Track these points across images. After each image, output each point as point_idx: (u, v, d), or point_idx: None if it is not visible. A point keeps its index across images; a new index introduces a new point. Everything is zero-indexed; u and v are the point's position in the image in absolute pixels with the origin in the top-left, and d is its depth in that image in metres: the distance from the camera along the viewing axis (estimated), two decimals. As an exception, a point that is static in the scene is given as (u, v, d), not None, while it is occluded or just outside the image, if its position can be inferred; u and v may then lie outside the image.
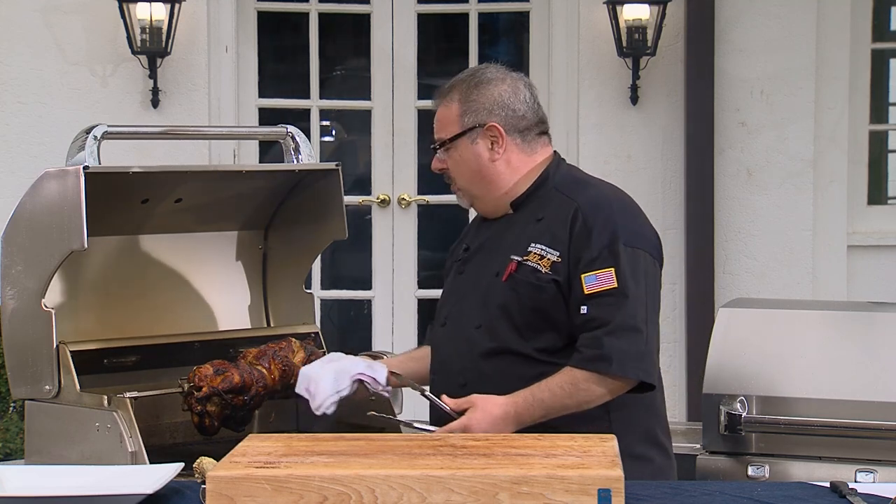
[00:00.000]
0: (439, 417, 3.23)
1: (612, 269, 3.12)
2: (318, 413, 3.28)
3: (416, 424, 3.23)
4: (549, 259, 3.18)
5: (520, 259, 3.22)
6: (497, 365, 3.20)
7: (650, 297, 3.19)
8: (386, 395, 3.36)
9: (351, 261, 7.12)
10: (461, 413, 3.12)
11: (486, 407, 3.11)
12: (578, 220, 3.18)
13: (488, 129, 3.26)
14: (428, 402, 3.27)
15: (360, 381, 3.30)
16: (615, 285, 3.12)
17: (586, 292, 3.13)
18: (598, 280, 3.12)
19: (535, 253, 3.20)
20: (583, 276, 3.14)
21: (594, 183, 3.34)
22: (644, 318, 3.15)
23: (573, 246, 3.17)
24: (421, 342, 3.65)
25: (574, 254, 3.17)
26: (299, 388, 3.33)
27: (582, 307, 3.14)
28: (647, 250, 3.21)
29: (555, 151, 3.37)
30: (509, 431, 3.06)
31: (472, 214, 3.62)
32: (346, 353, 3.50)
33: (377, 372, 3.32)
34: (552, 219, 3.24)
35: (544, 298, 3.17)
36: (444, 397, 3.17)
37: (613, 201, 3.26)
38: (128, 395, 3.27)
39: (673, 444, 4.09)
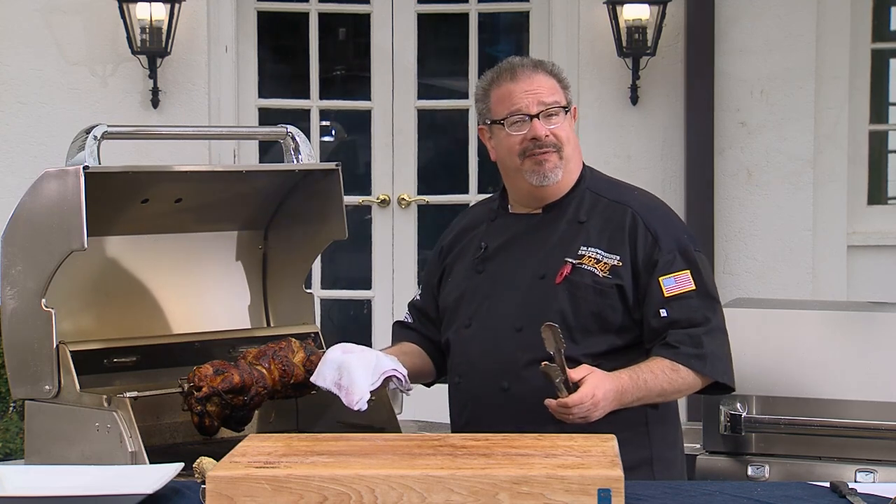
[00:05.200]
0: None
1: (688, 271, 3.19)
2: (354, 408, 3.10)
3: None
4: (606, 263, 3.20)
5: (574, 262, 3.21)
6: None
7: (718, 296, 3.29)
8: (408, 394, 3.30)
9: (351, 261, 7.12)
10: (576, 385, 3.00)
11: (601, 377, 3.05)
12: (639, 225, 3.22)
13: (574, 110, 3.31)
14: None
15: (389, 378, 3.19)
16: (694, 287, 3.19)
17: (666, 295, 3.18)
18: (677, 282, 3.18)
19: (589, 256, 3.21)
20: (661, 279, 3.18)
21: (628, 185, 3.39)
22: (723, 318, 3.26)
23: (639, 250, 3.20)
24: (399, 340, 3.56)
25: (643, 258, 3.20)
26: (327, 383, 3.14)
27: (661, 310, 3.18)
28: (704, 252, 3.30)
29: None
30: (614, 407, 3.05)
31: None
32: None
33: (402, 370, 3.22)
34: (603, 223, 3.25)
35: (606, 303, 3.19)
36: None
37: (661, 205, 3.34)
38: (128, 395, 3.26)
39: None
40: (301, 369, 3.58)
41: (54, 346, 3.37)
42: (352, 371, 3.13)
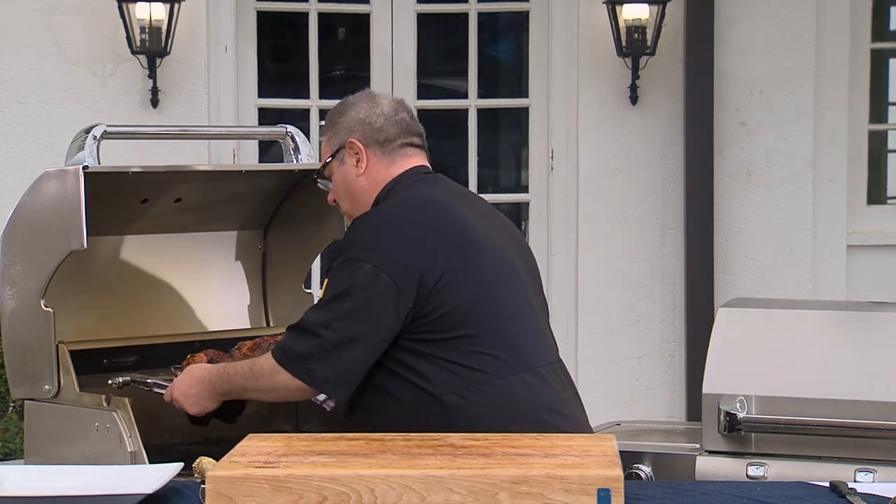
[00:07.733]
0: None
1: (327, 280, 3.15)
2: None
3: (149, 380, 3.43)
4: None
5: None
6: None
7: (353, 308, 3.07)
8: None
9: (351, 261, 7.10)
10: None
11: (192, 369, 3.30)
12: None
13: (349, 145, 3.25)
14: None
15: None
16: (322, 296, 3.15)
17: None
18: (322, 291, 3.16)
19: None
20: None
21: (395, 200, 3.22)
22: (325, 324, 3.08)
23: None
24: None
25: None
26: None
27: None
28: (376, 264, 3.06)
29: (421, 166, 3.31)
30: (204, 395, 3.23)
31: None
32: None
33: None
34: None
35: None
36: None
37: (373, 217, 3.18)
38: (127, 382, 3.28)
39: (673, 444, 4.06)
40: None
41: (54, 346, 3.37)
42: None
